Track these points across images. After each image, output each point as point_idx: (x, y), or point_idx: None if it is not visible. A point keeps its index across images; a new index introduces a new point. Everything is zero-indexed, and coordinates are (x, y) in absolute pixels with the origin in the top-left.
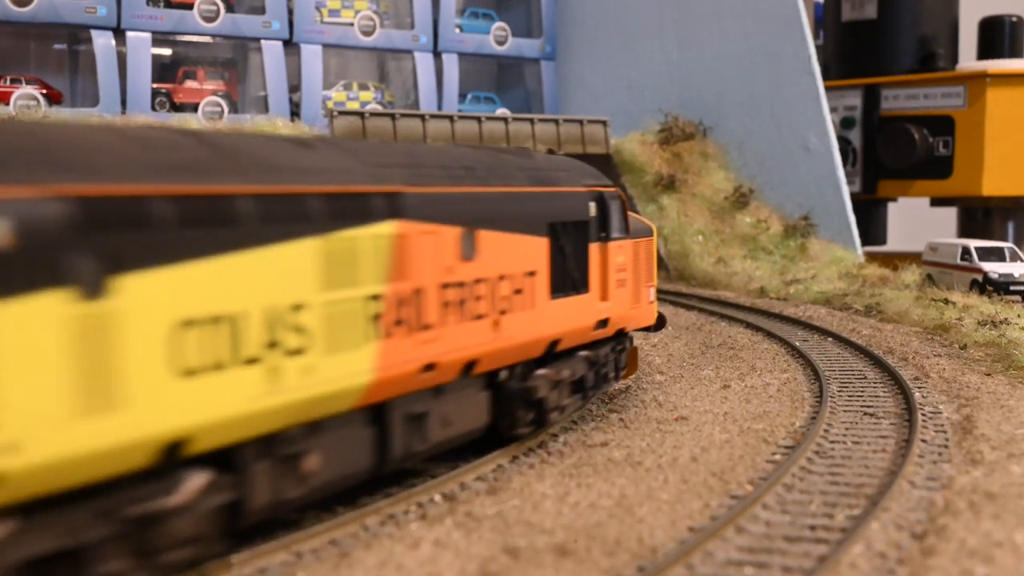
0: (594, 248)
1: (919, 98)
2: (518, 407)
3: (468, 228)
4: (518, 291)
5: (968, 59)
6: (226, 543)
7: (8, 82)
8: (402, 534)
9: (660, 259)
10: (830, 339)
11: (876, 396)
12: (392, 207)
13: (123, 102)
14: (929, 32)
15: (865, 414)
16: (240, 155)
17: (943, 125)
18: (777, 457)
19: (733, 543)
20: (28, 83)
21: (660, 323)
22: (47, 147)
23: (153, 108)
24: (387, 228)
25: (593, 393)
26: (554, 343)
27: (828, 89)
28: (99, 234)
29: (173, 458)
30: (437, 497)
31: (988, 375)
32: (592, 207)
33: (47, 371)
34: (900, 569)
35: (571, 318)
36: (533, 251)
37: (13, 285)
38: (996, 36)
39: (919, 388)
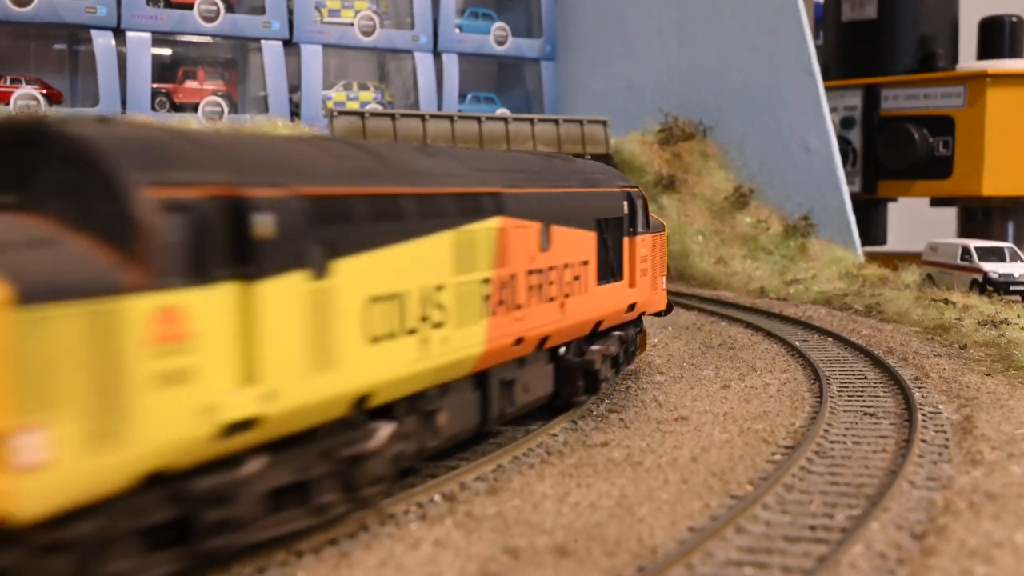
0: (626, 241)
1: (919, 98)
2: (578, 377)
3: (544, 223)
4: (577, 278)
5: (968, 59)
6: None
7: (8, 82)
8: (402, 534)
9: None
10: (830, 339)
11: (876, 396)
12: (496, 205)
13: (123, 102)
14: (929, 32)
15: (865, 414)
16: (394, 162)
17: (943, 125)
18: (777, 457)
19: (733, 543)
20: (28, 83)
21: (668, 308)
22: (280, 157)
23: (153, 108)
24: (493, 223)
25: (624, 367)
26: (599, 323)
27: (828, 89)
28: (323, 226)
29: (359, 410)
30: (437, 497)
31: (988, 375)
32: (625, 205)
33: (292, 336)
34: (900, 569)
35: (611, 302)
36: (586, 243)
37: (275, 266)
38: (996, 36)
39: (919, 388)
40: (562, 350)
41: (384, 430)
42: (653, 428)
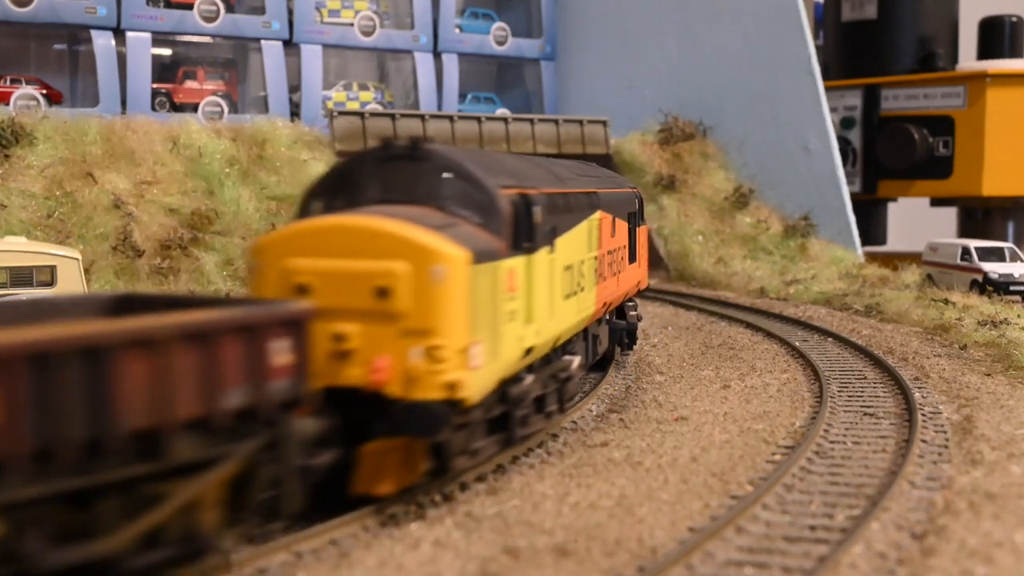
0: (637, 231)
1: (919, 98)
2: (623, 336)
3: (612, 215)
4: (622, 258)
5: (968, 59)
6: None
7: (8, 82)
8: (402, 534)
9: (660, 259)
10: (830, 339)
11: (876, 396)
12: (597, 202)
13: (123, 102)
14: (929, 32)
15: (865, 414)
16: (550, 169)
17: (943, 125)
18: (777, 457)
19: (733, 543)
20: (28, 83)
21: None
22: (517, 167)
23: (153, 108)
24: (597, 215)
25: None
26: (627, 294)
27: (828, 89)
28: (552, 215)
29: (554, 347)
30: (437, 497)
31: (988, 375)
32: (636, 202)
33: (543, 292)
34: (900, 569)
35: (633, 278)
36: (625, 232)
37: (540, 243)
38: (996, 36)
39: (919, 388)
40: (607, 315)
41: (576, 361)
42: (653, 428)
